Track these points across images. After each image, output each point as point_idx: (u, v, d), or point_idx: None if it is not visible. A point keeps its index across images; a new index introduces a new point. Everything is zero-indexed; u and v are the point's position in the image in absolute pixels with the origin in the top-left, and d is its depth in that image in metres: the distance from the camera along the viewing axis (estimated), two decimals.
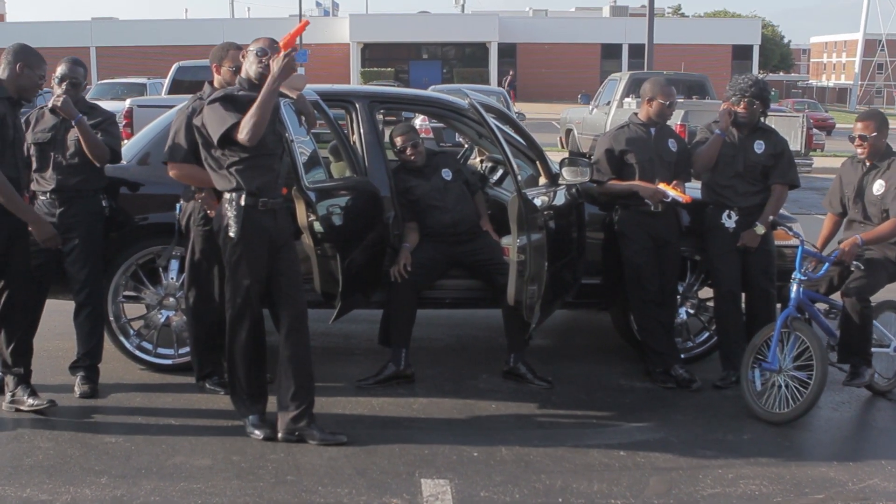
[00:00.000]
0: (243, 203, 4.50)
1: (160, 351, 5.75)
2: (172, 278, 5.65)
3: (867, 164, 5.62)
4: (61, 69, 5.22)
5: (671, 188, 5.60)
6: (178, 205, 5.29)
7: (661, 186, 5.61)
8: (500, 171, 6.70)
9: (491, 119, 5.43)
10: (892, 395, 5.70)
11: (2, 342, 5.01)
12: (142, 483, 4.20)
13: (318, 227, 4.91)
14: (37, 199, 5.24)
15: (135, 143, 6.16)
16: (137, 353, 5.73)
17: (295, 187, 4.80)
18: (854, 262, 5.37)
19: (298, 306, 4.68)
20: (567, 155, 5.94)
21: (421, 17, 59.57)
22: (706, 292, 6.13)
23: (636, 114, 5.94)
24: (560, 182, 5.62)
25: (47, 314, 5.36)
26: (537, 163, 5.88)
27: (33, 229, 4.84)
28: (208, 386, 5.36)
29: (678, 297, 5.99)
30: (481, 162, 7.18)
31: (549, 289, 5.23)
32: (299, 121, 4.97)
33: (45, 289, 5.24)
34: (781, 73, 76.69)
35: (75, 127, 5.14)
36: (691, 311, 6.16)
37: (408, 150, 5.85)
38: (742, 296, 5.81)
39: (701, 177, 5.87)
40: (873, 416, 5.53)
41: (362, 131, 5.81)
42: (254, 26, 48.73)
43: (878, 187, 5.53)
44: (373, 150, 5.76)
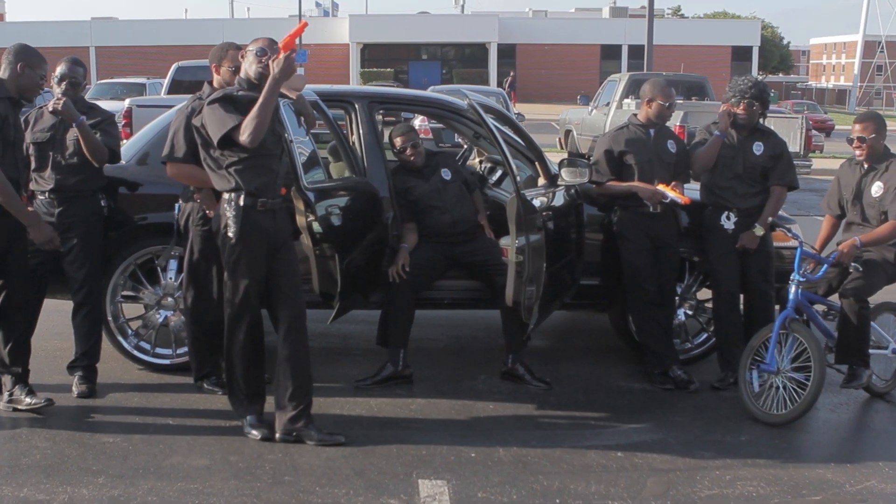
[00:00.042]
0: (242, 203, 4.50)
1: (158, 351, 5.75)
2: (171, 278, 5.65)
3: (865, 167, 5.62)
4: (61, 69, 5.22)
5: (670, 189, 5.61)
6: (176, 205, 5.29)
7: (660, 187, 5.62)
8: (499, 172, 6.70)
9: (490, 120, 5.43)
10: (889, 397, 5.70)
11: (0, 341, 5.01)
12: (139, 483, 4.20)
13: (316, 228, 4.91)
14: (35, 199, 5.24)
15: (134, 142, 6.16)
16: (135, 352, 5.73)
17: (294, 188, 4.80)
18: (852, 264, 5.38)
19: (297, 307, 4.68)
20: (566, 156, 5.93)
21: (420, 17, 59.58)
22: (705, 293, 6.13)
23: (635, 115, 5.94)
24: (559, 183, 5.63)
25: (45, 314, 5.36)
26: (536, 164, 5.89)
27: (31, 232, 4.83)
28: (206, 386, 5.36)
29: (677, 298, 6.00)
30: (480, 163, 7.19)
31: (547, 290, 5.23)
32: (298, 121, 4.97)
33: (43, 288, 5.24)
34: (781, 75, 76.73)
35: (76, 128, 5.14)
36: (690, 313, 6.16)
37: (407, 151, 5.85)
38: (741, 297, 5.82)
39: (700, 178, 5.88)
40: (871, 417, 5.53)
41: (361, 132, 5.80)
42: (253, 26, 48.69)
43: (877, 189, 5.53)
44: (372, 151, 5.76)
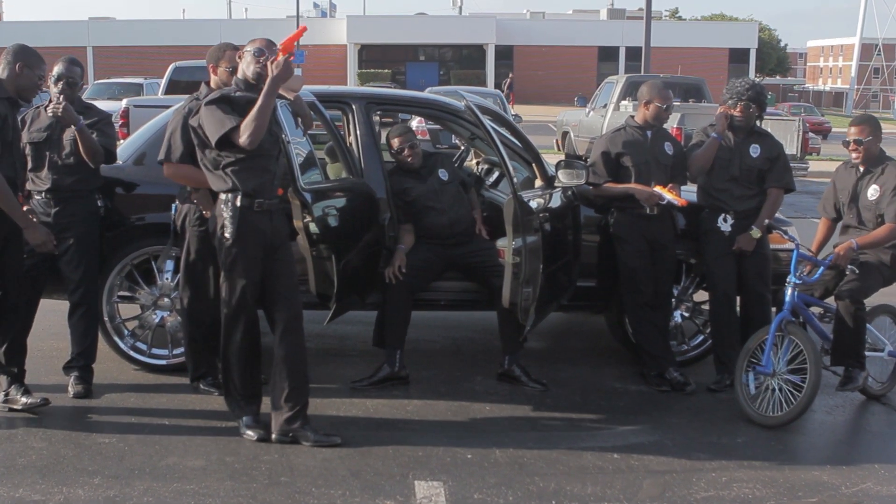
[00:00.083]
0: (239, 204, 4.49)
1: (154, 351, 5.74)
2: (167, 279, 5.65)
3: (861, 170, 5.62)
4: (58, 68, 5.21)
5: (667, 191, 5.61)
6: (173, 205, 5.28)
7: (657, 189, 5.63)
8: (496, 174, 6.70)
9: (487, 121, 5.43)
10: (886, 399, 5.71)
11: None
12: (135, 483, 4.20)
13: (313, 229, 4.90)
14: (32, 199, 5.23)
15: (131, 143, 6.15)
16: (132, 353, 5.72)
17: (291, 188, 4.80)
18: (849, 266, 5.39)
19: (294, 307, 4.67)
20: (563, 157, 5.92)
21: (418, 18, 59.56)
22: (701, 295, 6.14)
23: (633, 117, 5.95)
24: (556, 184, 5.63)
25: (42, 314, 5.35)
26: (533, 165, 5.88)
27: (27, 234, 4.81)
28: (202, 387, 5.35)
29: (673, 300, 6.00)
30: (478, 164, 7.19)
31: (544, 291, 5.23)
32: (295, 122, 4.97)
33: (39, 288, 5.24)
34: (778, 77, 76.80)
35: (75, 132, 5.13)
36: (686, 315, 6.16)
37: (405, 152, 5.84)
38: (737, 299, 5.82)
39: (697, 180, 5.88)
40: (867, 419, 5.54)
41: (359, 133, 5.80)
42: (251, 27, 48.69)
43: (873, 192, 5.54)
44: (369, 152, 5.76)
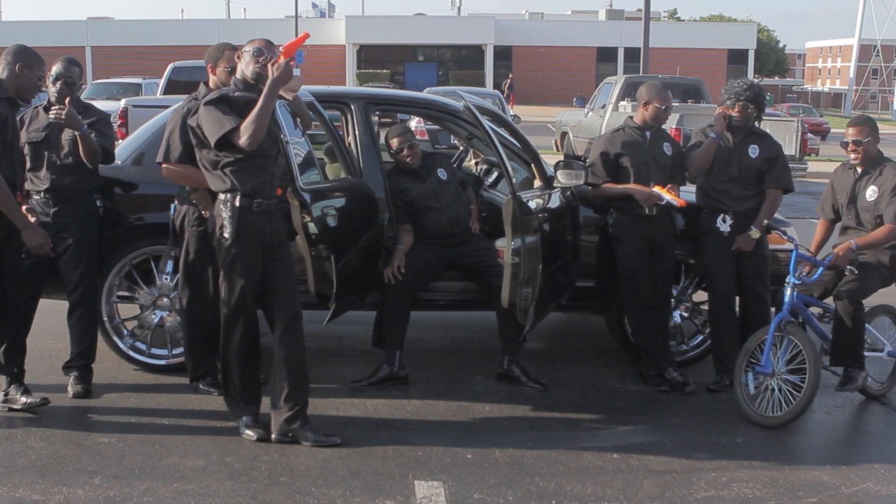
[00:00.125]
0: (238, 204, 4.49)
1: (154, 351, 5.74)
2: (167, 279, 5.64)
3: (859, 171, 5.63)
4: (57, 68, 5.21)
5: (666, 191, 5.62)
6: (172, 205, 5.28)
7: (656, 190, 5.63)
8: (495, 174, 6.70)
9: (486, 121, 5.43)
10: (885, 399, 5.71)
11: None
12: (135, 483, 4.20)
13: (312, 229, 4.91)
14: (31, 199, 5.23)
15: (129, 143, 6.15)
16: (131, 353, 5.72)
17: (290, 188, 4.80)
18: (848, 267, 5.39)
19: (293, 307, 4.67)
20: (562, 158, 5.93)
21: (417, 19, 59.55)
22: (700, 296, 6.14)
23: (632, 117, 5.95)
24: (555, 185, 5.63)
25: (41, 314, 5.35)
26: (532, 165, 5.89)
27: (24, 235, 4.80)
28: (202, 387, 5.35)
29: (672, 300, 6.01)
30: (476, 164, 7.19)
31: (543, 291, 5.23)
32: (294, 122, 4.97)
33: (38, 288, 5.24)
34: (777, 78, 76.85)
35: (79, 137, 5.13)
36: (685, 315, 6.17)
37: (404, 152, 5.83)
38: (736, 299, 5.82)
39: (696, 180, 5.89)
40: (866, 419, 5.54)
41: (357, 133, 5.81)
42: (250, 27, 48.70)
43: (871, 193, 5.54)
44: (368, 152, 5.76)
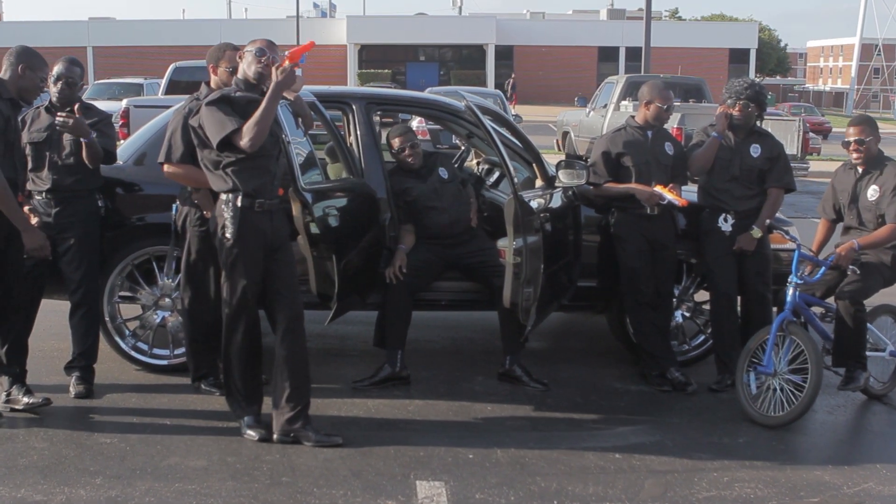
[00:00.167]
0: (240, 204, 4.49)
1: (156, 351, 5.74)
2: (168, 279, 5.65)
3: (860, 171, 5.62)
4: (58, 68, 5.21)
5: (668, 191, 5.61)
6: (174, 206, 5.28)
7: (658, 189, 5.63)
8: (497, 174, 6.70)
9: (487, 121, 5.43)
10: (887, 399, 5.71)
11: None
12: (136, 484, 4.20)
13: (314, 229, 4.90)
14: (32, 199, 5.23)
15: (131, 143, 6.15)
16: (133, 353, 5.72)
17: (291, 189, 4.80)
18: (850, 267, 5.39)
19: (294, 308, 4.67)
20: (563, 157, 5.93)
21: (418, 18, 59.55)
22: (702, 295, 6.13)
23: (633, 117, 5.95)
24: (556, 184, 5.63)
25: (43, 314, 5.36)
26: (534, 165, 5.89)
27: (24, 238, 4.79)
28: (204, 387, 5.35)
29: (674, 300, 6.00)
30: (478, 164, 7.19)
31: (544, 291, 5.23)
32: (296, 122, 4.97)
33: (40, 288, 5.24)
34: (778, 77, 76.79)
35: (84, 145, 5.13)
36: (687, 315, 6.17)
37: (406, 152, 5.83)
38: (738, 299, 5.82)
39: (697, 180, 5.88)
40: (868, 419, 5.54)
41: (359, 133, 5.81)
42: (251, 27, 48.73)
43: (873, 193, 5.53)
44: (369, 152, 5.76)
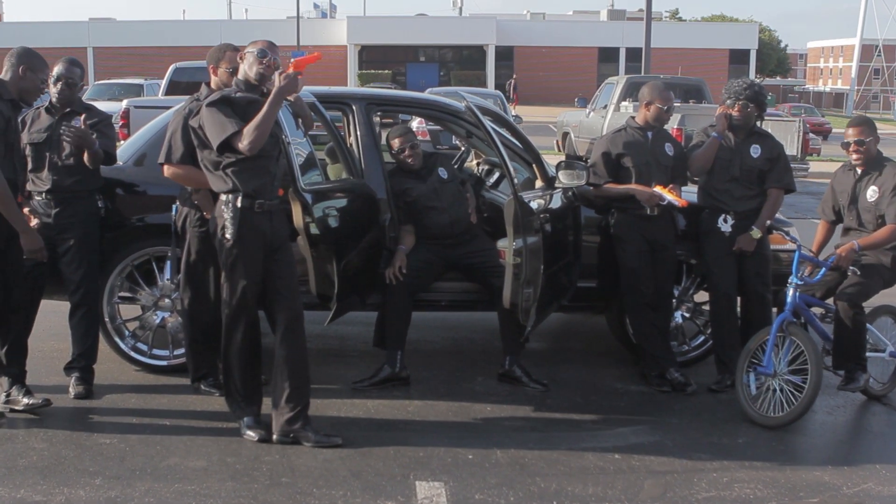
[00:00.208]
0: (239, 205, 4.49)
1: (155, 352, 5.74)
2: (168, 279, 5.65)
3: (859, 171, 5.62)
4: (58, 69, 5.22)
5: (668, 192, 5.61)
6: (174, 206, 5.28)
7: (658, 190, 5.63)
8: (497, 174, 6.70)
9: (487, 122, 5.43)
10: (887, 400, 5.71)
11: None
12: (136, 484, 4.20)
13: (314, 230, 4.90)
14: (32, 200, 5.24)
15: (131, 144, 6.15)
16: (132, 354, 5.73)
17: (291, 189, 4.80)
18: (850, 268, 5.39)
19: (294, 308, 4.67)
20: (563, 158, 5.92)
21: (418, 19, 59.57)
22: (702, 296, 6.13)
23: (633, 117, 5.95)
24: (556, 185, 5.63)
25: (42, 314, 5.36)
26: (534, 166, 5.88)
27: (22, 239, 4.79)
28: (203, 387, 5.35)
29: (674, 300, 6.00)
30: (478, 165, 7.19)
31: (544, 292, 5.23)
32: (296, 123, 4.97)
33: (40, 289, 5.24)
34: (778, 78, 76.83)
35: (88, 154, 5.13)
36: (687, 315, 6.17)
37: (406, 152, 5.83)
38: (738, 300, 5.82)
39: (697, 181, 5.88)
40: (868, 420, 5.54)
41: (359, 133, 5.81)
42: (251, 28, 48.76)
43: (872, 194, 5.54)
44: (369, 153, 5.76)
